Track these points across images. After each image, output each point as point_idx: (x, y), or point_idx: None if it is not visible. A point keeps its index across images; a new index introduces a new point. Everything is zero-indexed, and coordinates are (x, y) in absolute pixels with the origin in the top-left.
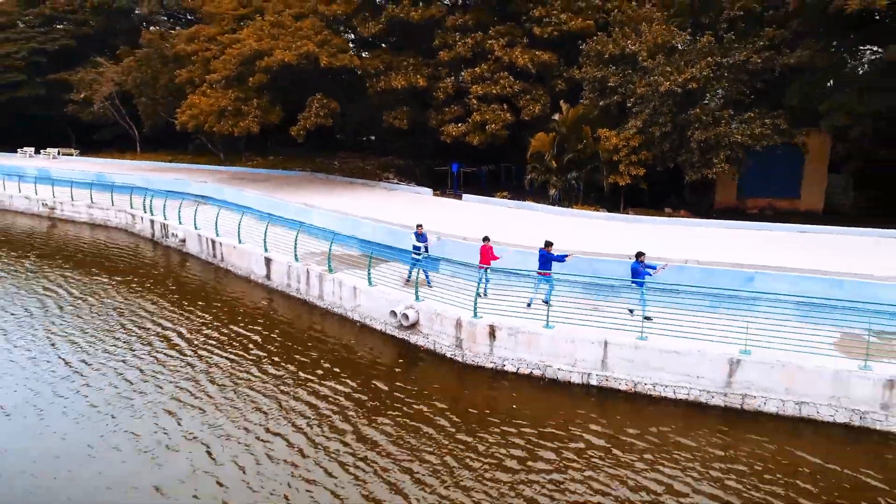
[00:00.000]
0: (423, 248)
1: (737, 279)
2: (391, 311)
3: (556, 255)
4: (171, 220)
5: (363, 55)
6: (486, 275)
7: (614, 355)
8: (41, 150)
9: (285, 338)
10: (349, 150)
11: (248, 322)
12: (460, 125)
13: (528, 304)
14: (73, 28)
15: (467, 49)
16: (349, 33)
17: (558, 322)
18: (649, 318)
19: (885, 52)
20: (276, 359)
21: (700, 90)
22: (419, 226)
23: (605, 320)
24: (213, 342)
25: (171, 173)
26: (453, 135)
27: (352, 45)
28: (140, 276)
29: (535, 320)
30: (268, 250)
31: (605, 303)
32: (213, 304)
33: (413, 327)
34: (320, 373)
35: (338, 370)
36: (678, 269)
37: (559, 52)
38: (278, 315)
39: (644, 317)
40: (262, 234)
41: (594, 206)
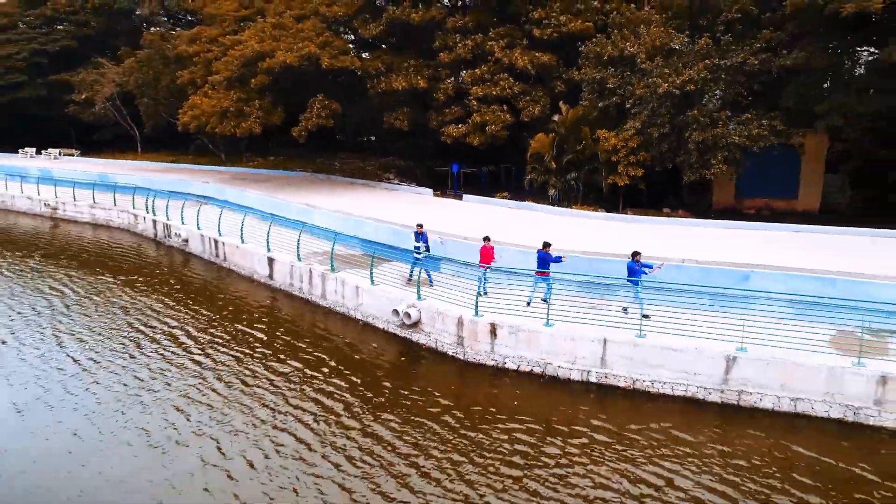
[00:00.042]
0: (424, 248)
1: (733, 278)
2: (393, 310)
3: (553, 256)
4: (173, 221)
5: (363, 56)
6: (486, 274)
7: (613, 353)
8: (42, 151)
9: (289, 336)
10: (349, 150)
11: (252, 320)
12: (460, 126)
13: (528, 303)
14: (74, 29)
15: (467, 51)
16: (349, 34)
17: (558, 320)
18: (647, 317)
19: (881, 54)
20: (282, 356)
21: (698, 92)
22: (419, 225)
23: (604, 319)
24: (219, 340)
25: (172, 174)
26: (454, 136)
27: (352, 46)
28: (144, 275)
29: (535, 319)
30: (271, 250)
31: (604, 301)
32: (217, 303)
33: (415, 326)
34: (325, 370)
35: (342, 368)
36: (676, 268)
37: (559, 53)
38: (282, 314)
39: (642, 315)
40: (264, 234)
41: (593, 206)
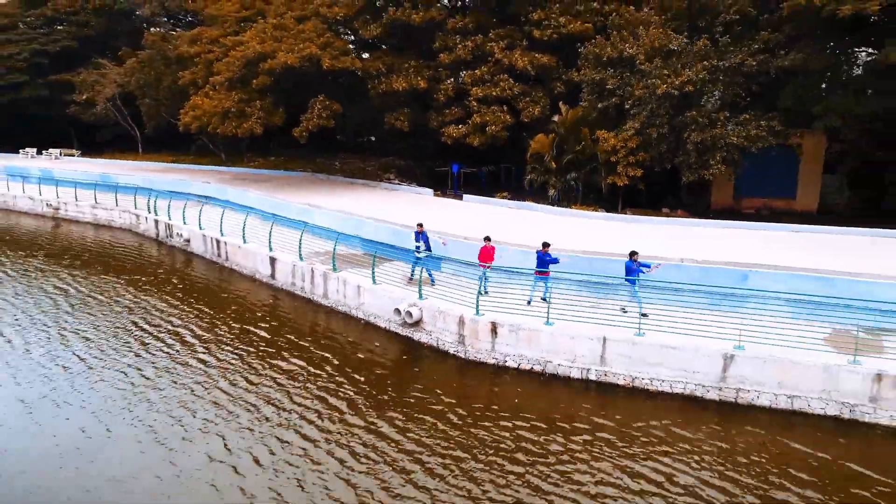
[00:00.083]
0: (424, 247)
1: (731, 277)
2: (395, 309)
3: (552, 257)
4: (175, 221)
5: (364, 56)
6: (486, 274)
7: (613, 351)
8: (43, 151)
9: (292, 334)
10: (350, 150)
11: (255, 319)
12: (461, 126)
13: (529, 302)
14: (75, 29)
15: (467, 52)
16: (349, 35)
17: (558, 319)
18: (645, 315)
19: (878, 55)
20: (285, 354)
21: (696, 93)
22: (419, 225)
23: (603, 317)
24: (223, 339)
25: (173, 174)
26: (454, 136)
27: (351, 47)
28: (147, 274)
29: (535, 317)
30: (272, 250)
31: (604, 300)
32: (220, 302)
33: (417, 324)
34: (328, 368)
35: (345, 366)
36: (675, 267)
37: (558, 54)
38: (284, 313)
39: (640, 313)
40: (266, 233)
41: (593, 206)
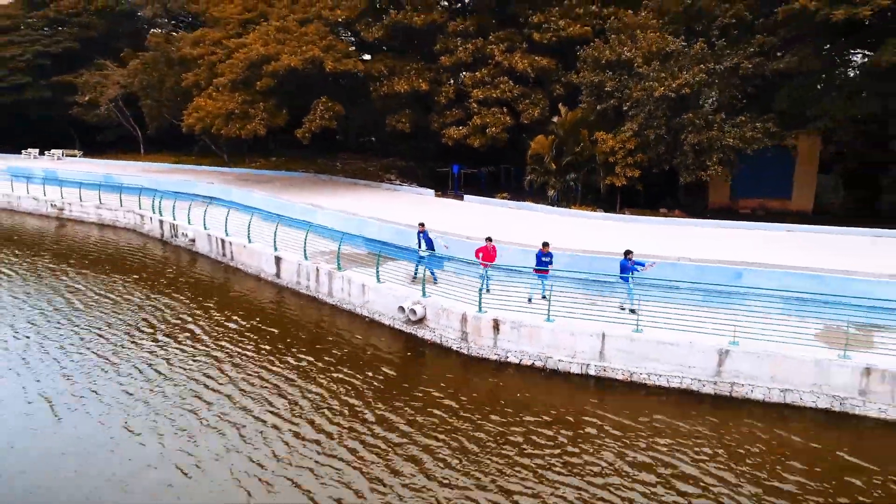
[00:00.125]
0: (426, 247)
1: (726, 275)
2: (399, 307)
3: (550, 256)
4: (180, 221)
5: (365, 58)
6: (488, 272)
7: (611, 347)
8: (45, 152)
9: (300, 331)
10: (351, 151)
11: (262, 317)
12: (461, 128)
13: (529, 300)
14: (77, 31)
15: (468, 54)
16: (349, 36)
17: (559, 316)
18: (634, 311)
19: (872, 57)
20: (294, 350)
21: (693, 95)
22: (421, 225)
23: (602, 314)
24: (233, 335)
25: (177, 174)
26: (454, 137)
27: (352, 49)
28: (155, 274)
29: (536, 314)
30: (277, 249)
31: (603, 298)
32: (227, 301)
33: (420, 322)
34: (336, 363)
35: (352, 361)
36: (671, 266)
37: (557, 57)
38: (291, 311)
39: (630, 310)
40: (270, 233)
41: (592, 206)
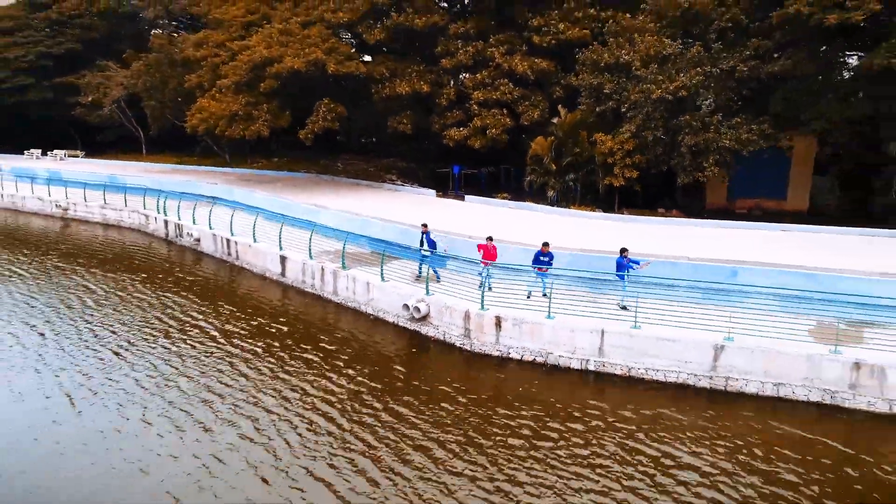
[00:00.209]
0: (429, 246)
1: (722, 274)
2: (403, 305)
3: (547, 257)
4: (185, 221)
5: (365, 59)
6: (488, 271)
7: (610, 343)
8: (48, 152)
9: (306, 328)
10: (352, 152)
11: (270, 314)
12: (462, 129)
13: (528, 296)
14: (79, 32)
15: (468, 56)
16: (350, 38)
17: (559, 313)
18: (625, 308)
19: (863, 60)
20: (303, 345)
21: (690, 97)
22: (424, 225)
23: (601, 311)
24: (242, 332)
25: (179, 175)
26: (455, 139)
27: (353, 50)
28: (162, 272)
29: (537, 311)
30: (283, 249)
31: (602, 296)
32: (234, 299)
33: (424, 319)
34: (344, 358)
35: (359, 356)
36: (669, 264)
37: (557, 60)
38: (297, 309)
39: (621, 306)
40: (273, 233)
41: (591, 206)
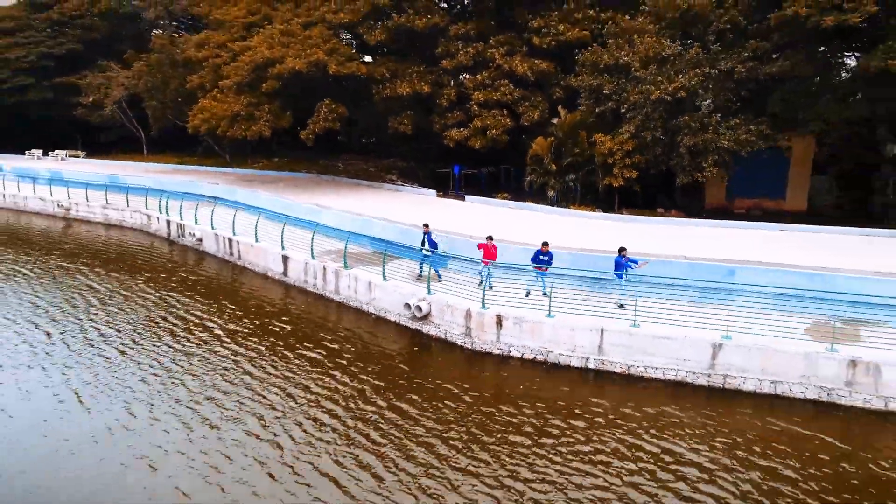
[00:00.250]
0: (430, 246)
1: (719, 273)
2: (405, 304)
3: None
4: (187, 220)
5: (366, 60)
6: (489, 270)
7: (610, 341)
8: (49, 153)
9: (309, 327)
10: (353, 152)
11: (273, 313)
12: (462, 130)
13: (527, 294)
14: (80, 32)
15: (469, 57)
16: (350, 38)
17: (559, 312)
18: (622, 306)
19: (860, 62)
20: (306, 344)
21: (689, 98)
22: (425, 225)
23: (601, 310)
24: (246, 331)
25: (180, 175)
26: (456, 139)
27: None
28: (165, 272)
29: (538, 310)
30: (285, 248)
31: (601, 295)
32: (237, 298)
33: (426, 318)
34: (347, 356)
35: (362, 354)
36: (667, 263)
37: (557, 61)
38: (299, 308)
39: (619, 305)
40: (275, 232)
41: (590, 206)
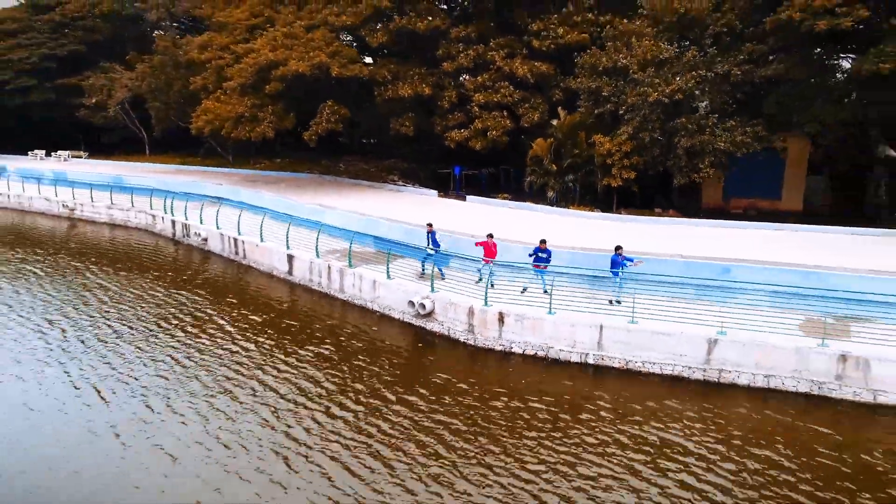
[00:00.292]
0: (433, 245)
1: (715, 270)
2: (409, 302)
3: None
4: (192, 220)
5: (366, 61)
6: (490, 268)
7: (609, 337)
8: (52, 153)
9: (315, 324)
10: (354, 153)
11: (279, 311)
12: (463, 131)
13: (523, 291)
14: (83, 34)
15: (469, 60)
16: (352, 41)
17: (559, 309)
18: (619, 302)
19: (853, 65)
20: (315, 340)
21: (686, 100)
22: (429, 225)
23: (600, 307)
24: (255, 327)
25: (183, 175)
26: (456, 140)
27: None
28: (172, 271)
29: (539, 307)
30: (290, 248)
31: (601, 292)
32: (244, 296)
33: (429, 315)
34: (353, 352)
35: (368, 351)
36: (664, 262)
37: (556, 63)
38: (305, 306)
39: (616, 301)
40: (279, 232)
41: (589, 206)
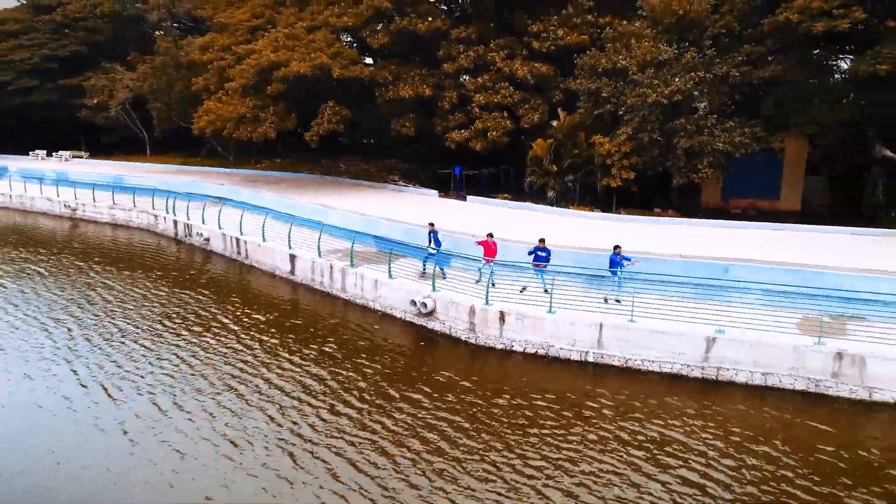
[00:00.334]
0: (435, 244)
1: (713, 270)
2: (411, 301)
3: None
4: (194, 220)
5: (367, 61)
6: (491, 267)
7: (608, 336)
8: (53, 153)
9: (318, 323)
10: (355, 154)
11: (282, 310)
12: (463, 132)
13: (522, 290)
14: (84, 35)
15: (470, 61)
16: (353, 43)
17: (560, 308)
18: (618, 301)
19: (850, 66)
20: (319, 339)
21: (685, 101)
22: (431, 224)
23: (600, 306)
24: (259, 327)
25: (185, 176)
26: (457, 141)
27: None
28: (175, 270)
29: (539, 306)
30: (292, 247)
31: (600, 291)
32: (247, 296)
33: (431, 314)
34: (356, 351)
35: (370, 349)
36: (663, 261)
37: (556, 64)
38: (307, 305)
39: (615, 300)
40: (280, 232)
41: (589, 206)
